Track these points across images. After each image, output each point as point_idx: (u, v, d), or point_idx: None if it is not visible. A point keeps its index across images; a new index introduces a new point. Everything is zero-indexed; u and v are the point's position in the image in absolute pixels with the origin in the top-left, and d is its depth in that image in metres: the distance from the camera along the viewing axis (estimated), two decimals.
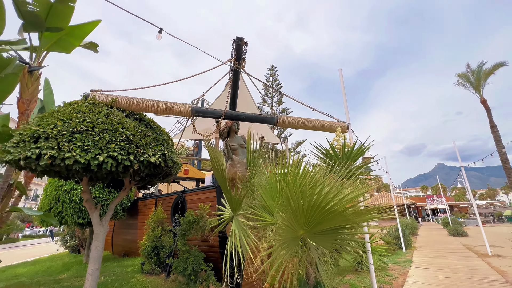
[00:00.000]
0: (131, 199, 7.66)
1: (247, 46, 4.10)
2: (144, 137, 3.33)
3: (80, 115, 2.97)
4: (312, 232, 2.29)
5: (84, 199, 3.60)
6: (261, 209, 2.94)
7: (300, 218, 2.20)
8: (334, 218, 2.10)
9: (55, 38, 4.43)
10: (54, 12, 3.98)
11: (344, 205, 2.02)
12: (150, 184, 4.31)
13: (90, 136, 2.83)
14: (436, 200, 27.86)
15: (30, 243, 18.28)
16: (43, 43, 4.36)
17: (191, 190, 5.86)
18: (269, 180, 2.97)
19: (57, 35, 4.39)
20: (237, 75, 4.06)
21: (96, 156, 2.73)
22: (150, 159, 3.18)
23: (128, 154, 3.03)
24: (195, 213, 4.45)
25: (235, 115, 3.99)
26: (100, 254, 3.53)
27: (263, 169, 3.32)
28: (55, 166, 2.64)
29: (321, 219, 2.15)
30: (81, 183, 3.65)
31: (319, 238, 2.33)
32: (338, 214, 2.04)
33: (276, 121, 4.15)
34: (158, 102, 3.61)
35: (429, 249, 10.84)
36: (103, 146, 2.83)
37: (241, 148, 4.54)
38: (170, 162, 3.59)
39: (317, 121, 4.39)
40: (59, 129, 2.70)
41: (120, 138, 3.03)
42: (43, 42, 4.33)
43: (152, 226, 5.54)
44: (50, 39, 4.39)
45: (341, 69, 6.55)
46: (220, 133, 4.69)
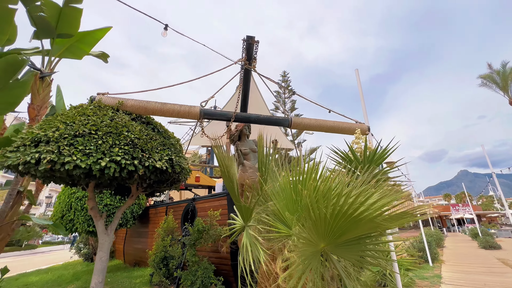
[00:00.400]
0: (142, 206, 7.55)
1: (258, 45, 3.89)
2: (150, 141, 3.16)
3: (84, 118, 2.84)
4: (334, 244, 1.97)
5: (89, 206, 3.45)
6: (274, 218, 2.64)
7: (321, 229, 1.90)
8: (362, 226, 1.79)
9: (66, 45, 4.44)
10: (63, 17, 3.98)
11: (375, 210, 1.71)
12: (158, 191, 4.12)
13: (93, 139, 2.67)
14: (462, 209, 26.02)
15: (49, 250, 18.72)
16: (55, 50, 4.38)
17: (201, 197, 5.63)
18: (283, 188, 2.67)
19: (68, 41, 4.40)
20: (248, 75, 3.85)
21: (98, 161, 2.56)
22: (156, 164, 2.98)
23: (132, 159, 2.85)
24: (204, 222, 4.20)
25: (246, 117, 3.75)
26: (105, 265, 3.33)
27: (276, 174, 3.03)
28: (56, 171, 2.49)
29: (346, 228, 1.84)
30: (87, 190, 3.51)
31: (342, 250, 2.01)
32: (368, 221, 1.72)
33: (290, 123, 3.87)
34: (165, 104, 3.44)
35: (459, 263, 9.93)
36: (106, 150, 2.67)
37: (253, 153, 4.28)
38: (177, 168, 3.39)
39: (334, 122, 4.06)
40: (61, 132, 2.56)
41: (125, 142, 2.86)
42: (54, 48, 4.35)
43: (162, 235, 5.33)
44: (61, 46, 4.41)
45: (357, 69, 6.23)
46: (231, 137, 4.46)
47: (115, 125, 2.93)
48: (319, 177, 2.37)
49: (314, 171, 2.40)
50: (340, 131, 4.05)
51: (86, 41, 4.55)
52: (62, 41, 4.35)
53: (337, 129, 4.01)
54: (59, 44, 4.36)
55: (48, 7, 3.84)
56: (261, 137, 3.04)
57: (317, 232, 1.92)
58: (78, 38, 4.45)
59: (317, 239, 1.97)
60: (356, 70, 6.38)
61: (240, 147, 3.99)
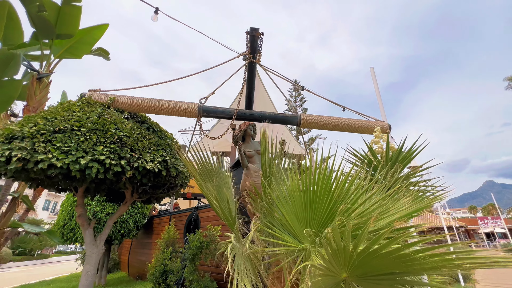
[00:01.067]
0: (146, 216, 7.23)
1: (262, 37, 3.56)
2: (142, 140, 2.83)
3: (68, 114, 2.56)
4: (359, 276, 1.50)
5: (76, 213, 3.13)
6: (281, 229, 2.19)
7: (342, 260, 1.45)
8: (398, 266, 1.31)
9: (66, 46, 4.32)
10: (62, 16, 3.86)
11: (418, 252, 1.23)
12: (155, 198, 3.76)
13: (74, 136, 2.37)
14: (492, 223, 23.93)
15: (61, 260, 18.75)
16: (54, 51, 4.26)
17: (204, 206, 5.23)
18: (291, 194, 2.22)
19: (68, 42, 4.28)
20: (252, 69, 3.51)
21: (77, 160, 2.25)
22: (147, 166, 2.64)
23: (119, 159, 2.52)
24: (204, 235, 3.77)
25: (249, 115, 3.38)
26: (91, 280, 2.96)
27: (284, 177, 2.58)
28: (29, 171, 2.19)
29: (376, 265, 1.37)
30: (76, 195, 3.21)
31: (369, 283, 1.52)
32: (409, 261, 1.24)
33: (299, 120, 3.45)
34: (160, 101, 3.14)
35: (496, 283, 8.79)
36: (88, 148, 2.35)
37: (258, 155, 3.86)
38: (173, 171, 3.03)
39: (350, 120, 3.60)
40: (38, 128, 2.28)
41: (111, 140, 2.55)
42: (54, 50, 4.23)
43: (162, 247, 4.93)
44: (61, 47, 4.29)
45: (372, 67, 5.81)
46: (234, 138, 4.07)
47: (102, 122, 2.63)
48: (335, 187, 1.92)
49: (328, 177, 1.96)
50: (357, 129, 3.57)
51: (85, 41, 4.42)
52: (61, 42, 4.23)
53: (354, 127, 3.54)
54: (58, 45, 4.25)
55: (47, 7, 3.72)
56: (264, 133, 2.63)
57: (337, 263, 1.46)
58: (77, 38, 4.32)
59: (338, 268, 1.51)
60: (372, 68, 5.94)
61: (244, 148, 3.59)
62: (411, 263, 1.23)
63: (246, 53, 3.51)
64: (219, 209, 2.26)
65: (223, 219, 2.41)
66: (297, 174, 2.27)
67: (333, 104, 4.06)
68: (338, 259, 1.35)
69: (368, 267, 1.35)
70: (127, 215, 6.46)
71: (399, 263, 1.25)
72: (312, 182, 2.09)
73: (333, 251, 1.40)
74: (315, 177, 2.02)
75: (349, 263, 1.38)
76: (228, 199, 2.32)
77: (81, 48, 4.49)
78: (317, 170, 1.99)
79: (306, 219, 2.04)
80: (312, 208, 1.93)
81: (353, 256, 1.36)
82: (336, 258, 1.36)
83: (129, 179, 2.76)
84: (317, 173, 2.03)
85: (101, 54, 5.06)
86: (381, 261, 1.26)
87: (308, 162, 2.17)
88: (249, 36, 3.47)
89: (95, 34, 4.44)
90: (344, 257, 1.41)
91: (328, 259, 1.38)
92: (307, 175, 2.11)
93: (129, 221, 6.49)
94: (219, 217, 2.44)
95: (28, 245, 14.78)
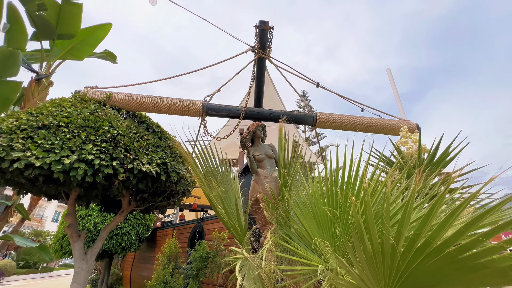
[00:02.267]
0: (149, 228, 6.85)
1: (272, 31, 3.28)
2: (139, 140, 2.52)
3: (57, 109, 2.28)
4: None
5: (66, 223, 2.80)
6: (301, 244, 1.79)
7: (382, 268, 1.04)
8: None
9: (67, 47, 4.17)
10: (63, 15, 3.71)
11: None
12: (155, 207, 3.40)
13: (60, 133, 2.08)
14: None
15: (65, 273, 18.36)
16: (56, 52, 4.11)
17: (210, 217, 4.83)
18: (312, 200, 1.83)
19: (69, 43, 4.12)
20: (261, 64, 3.21)
21: (61, 159, 1.93)
22: (142, 168, 2.30)
23: (111, 160, 2.20)
24: (209, 247, 3.35)
25: (258, 113, 3.05)
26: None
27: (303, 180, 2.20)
28: (5, 171, 1.89)
29: (437, 274, 0.96)
30: (67, 202, 2.89)
31: None
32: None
33: (315, 119, 3.09)
34: (161, 98, 2.85)
35: None
36: (76, 146, 2.05)
37: (269, 159, 3.47)
38: (174, 176, 2.69)
39: (372, 119, 3.21)
40: (20, 123, 2.00)
41: (103, 138, 2.24)
42: (55, 51, 4.08)
43: (163, 262, 4.52)
44: (62, 48, 4.14)
45: (389, 68, 5.46)
46: (242, 141, 3.72)
47: (94, 119, 2.34)
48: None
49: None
50: (380, 129, 3.17)
51: (88, 41, 4.26)
52: (63, 43, 4.08)
53: (377, 127, 3.14)
54: (59, 46, 4.09)
55: (47, 5, 3.58)
56: (281, 129, 2.28)
57: (375, 275, 1.05)
58: (79, 39, 4.16)
59: (375, 284, 1.10)
60: (388, 69, 5.59)
61: (253, 152, 3.23)
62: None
63: (255, 48, 3.23)
64: (226, 217, 1.88)
65: (230, 230, 2.02)
66: (319, 178, 1.89)
67: (351, 103, 3.68)
68: (376, 268, 0.95)
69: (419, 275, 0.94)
70: (129, 226, 6.11)
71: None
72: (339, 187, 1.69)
73: (369, 256, 0.98)
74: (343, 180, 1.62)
75: (393, 275, 0.96)
76: (237, 205, 1.93)
77: (83, 49, 4.33)
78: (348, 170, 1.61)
79: (332, 232, 1.63)
80: (340, 219, 1.53)
81: (399, 260, 0.96)
82: (373, 266, 0.95)
83: (123, 183, 2.42)
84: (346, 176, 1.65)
85: (107, 57, 4.90)
86: (446, 270, 0.85)
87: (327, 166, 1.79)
88: (258, 30, 3.20)
89: (98, 34, 4.29)
90: (383, 262, 1.00)
91: (360, 268, 0.97)
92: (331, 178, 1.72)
93: (131, 233, 6.12)
94: (226, 227, 2.04)
95: (33, 257, 14.51)
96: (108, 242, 5.71)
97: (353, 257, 1.18)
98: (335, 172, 1.69)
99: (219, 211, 1.84)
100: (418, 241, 0.95)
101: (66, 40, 4.04)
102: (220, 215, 1.86)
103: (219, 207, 1.82)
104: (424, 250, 0.94)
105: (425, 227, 0.93)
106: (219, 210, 1.83)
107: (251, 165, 3.04)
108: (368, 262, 1.08)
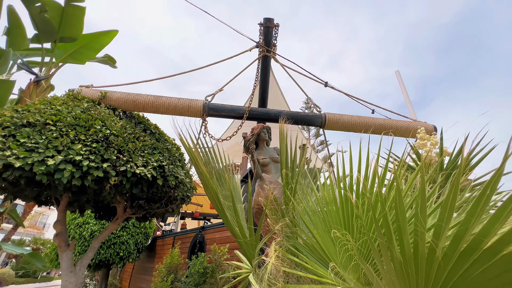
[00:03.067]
0: (149, 236, 6.60)
1: (277, 29, 3.13)
2: (135, 141, 2.33)
3: (45, 107, 2.13)
4: None
5: (55, 231, 2.59)
6: (310, 256, 1.55)
7: (416, 280, 0.81)
8: None
9: (70, 50, 4.10)
10: (66, 17, 3.64)
11: None
12: (152, 214, 3.18)
13: (47, 131, 1.91)
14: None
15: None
16: (57, 55, 4.03)
17: (211, 226, 4.58)
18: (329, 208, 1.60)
19: (72, 47, 4.05)
20: (266, 62, 3.05)
21: (44, 160, 1.75)
22: (136, 170, 2.11)
23: (102, 161, 2.01)
24: (208, 260, 3.09)
25: (263, 113, 2.86)
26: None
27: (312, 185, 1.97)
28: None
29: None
30: (57, 208, 2.69)
31: None
32: None
33: (324, 120, 2.88)
34: (159, 97, 2.69)
35: None
36: (63, 146, 1.87)
37: (274, 163, 3.25)
38: (172, 180, 2.48)
39: (386, 120, 2.99)
40: (2, 120, 1.83)
41: (94, 138, 2.06)
42: (56, 53, 4.01)
43: (163, 274, 4.25)
44: (64, 51, 4.07)
45: (398, 71, 5.28)
46: (245, 144, 3.51)
47: (86, 118, 2.17)
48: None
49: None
50: (395, 131, 2.94)
51: (91, 46, 4.19)
52: (65, 46, 4.01)
53: (391, 128, 2.91)
54: (61, 49, 4.02)
55: (49, 7, 3.52)
56: (282, 129, 2.06)
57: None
58: (83, 43, 4.09)
59: None
60: (397, 72, 5.41)
61: (257, 156, 3.01)
62: None
63: (260, 45, 3.07)
64: (236, 223, 1.64)
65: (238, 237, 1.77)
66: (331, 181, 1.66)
67: (361, 104, 3.47)
68: (407, 279, 0.71)
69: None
70: (127, 235, 5.87)
71: None
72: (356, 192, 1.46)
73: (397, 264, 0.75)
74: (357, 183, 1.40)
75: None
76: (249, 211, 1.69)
77: (86, 53, 4.26)
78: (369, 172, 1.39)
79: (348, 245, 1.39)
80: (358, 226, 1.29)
81: (442, 265, 0.73)
82: (403, 277, 0.72)
83: (116, 188, 2.23)
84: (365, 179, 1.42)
85: (108, 62, 4.83)
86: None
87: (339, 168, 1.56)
88: (263, 28, 3.06)
89: (103, 40, 4.22)
90: (415, 271, 0.77)
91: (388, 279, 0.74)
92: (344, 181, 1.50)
93: (130, 242, 5.87)
94: (234, 235, 1.79)
95: (32, 266, 14.27)
96: (105, 252, 5.47)
97: (380, 266, 0.95)
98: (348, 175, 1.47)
99: (228, 217, 1.60)
100: (462, 241, 0.71)
101: (69, 44, 3.97)
102: (228, 222, 1.62)
103: (228, 212, 1.59)
104: (472, 253, 0.71)
105: (473, 222, 0.70)
106: (229, 216, 1.60)
107: (255, 170, 2.82)
108: (397, 272, 0.85)
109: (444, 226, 0.76)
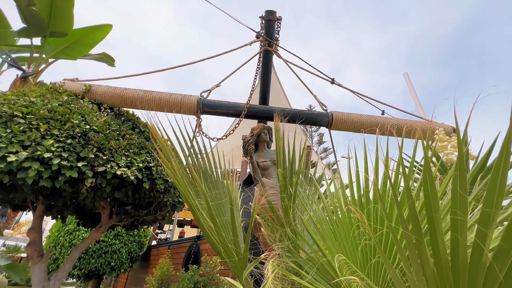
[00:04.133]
0: (143, 245, 6.26)
1: (280, 23, 2.91)
2: (118, 139, 2.07)
3: (17, 98, 1.88)
4: None
5: (29, 239, 2.30)
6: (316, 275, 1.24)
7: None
8: None
9: (61, 46, 3.90)
10: (55, 10, 3.45)
11: None
12: (140, 222, 2.89)
13: (14, 124, 1.65)
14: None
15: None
16: (47, 51, 3.83)
17: None
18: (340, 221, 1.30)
19: (63, 42, 3.85)
20: (267, 57, 2.81)
21: (5, 156, 1.49)
22: (117, 171, 1.84)
23: (78, 160, 1.75)
24: (201, 273, 2.78)
25: (264, 111, 2.59)
26: None
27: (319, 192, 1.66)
28: None
29: None
30: (33, 214, 2.41)
31: None
32: None
33: (331, 119, 2.61)
34: (150, 92, 2.44)
35: None
36: (30, 140, 1.61)
37: (275, 167, 2.97)
38: (160, 183, 2.20)
39: (398, 120, 2.72)
40: None
41: (70, 133, 1.80)
42: (47, 49, 3.80)
43: (154, 287, 3.92)
44: (55, 47, 3.86)
45: (407, 72, 5.07)
46: (244, 145, 3.22)
47: (63, 111, 1.92)
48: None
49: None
50: (409, 132, 2.66)
51: (84, 42, 3.99)
52: (56, 41, 3.81)
53: (405, 129, 2.62)
54: (52, 45, 3.82)
55: (37, 0, 3.34)
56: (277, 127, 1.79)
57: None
58: (75, 39, 3.89)
59: None
60: (406, 73, 5.20)
61: (257, 158, 2.72)
62: None
63: (261, 40, 2.84)
64: (216, 236, 1.35)
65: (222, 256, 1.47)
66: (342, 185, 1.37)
67: (370, 104, 3.20)
68: None
69: None
70: (120, 243, 5.54)
71: None
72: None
73: (430, 273, 0.44)
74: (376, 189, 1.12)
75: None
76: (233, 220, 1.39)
77: (78, 49, 4.05)
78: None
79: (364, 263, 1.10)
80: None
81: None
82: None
83: (96, 192, 1.95)
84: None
85: (105, 59, 4.63)
86: None
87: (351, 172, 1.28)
88: (264, 22, 2.83)
89: (96, 35, 4.02)
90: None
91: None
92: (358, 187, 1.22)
93: (122, 251, 5.53)
94: (216, 251, 1.48)
95: (27, 274, 13.82)
96: (96, 261, 5.14)
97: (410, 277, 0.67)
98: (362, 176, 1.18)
99: (205, 226, 1.31)
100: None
101: (60, 39, 3.77)
102: (207, 233, 1.32)
103: (205, 219, 1.30)
104: None
105: None
106: (206, 225, 1.30)
107: (254, 173, 2.54)
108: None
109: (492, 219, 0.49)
